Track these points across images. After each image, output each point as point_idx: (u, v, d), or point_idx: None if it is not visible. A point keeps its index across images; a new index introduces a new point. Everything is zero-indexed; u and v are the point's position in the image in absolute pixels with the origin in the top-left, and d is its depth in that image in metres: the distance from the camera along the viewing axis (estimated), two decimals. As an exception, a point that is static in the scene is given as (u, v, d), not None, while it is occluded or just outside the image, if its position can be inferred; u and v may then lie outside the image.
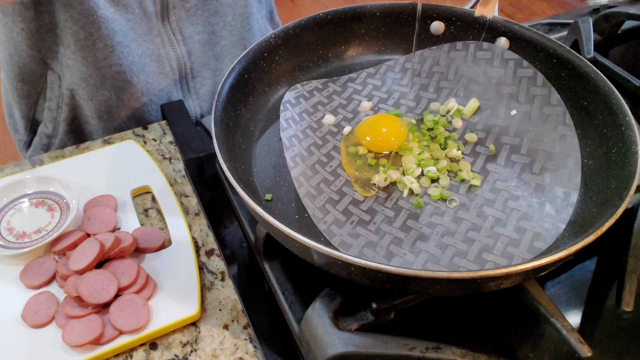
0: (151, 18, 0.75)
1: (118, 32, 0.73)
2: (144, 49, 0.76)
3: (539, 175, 0.54)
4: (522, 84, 0.60)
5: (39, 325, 0.50)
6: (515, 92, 0.60)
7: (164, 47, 0.78)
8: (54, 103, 0.79)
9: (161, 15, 0.76)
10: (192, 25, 0.79)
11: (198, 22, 0.79)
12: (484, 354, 0.42)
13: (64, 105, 0.79)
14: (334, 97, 0.64)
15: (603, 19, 0.81)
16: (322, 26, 0.65)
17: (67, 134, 0.82)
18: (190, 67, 0.82)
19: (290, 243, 0.44)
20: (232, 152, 0.53)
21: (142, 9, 0.73)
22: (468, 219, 0.51)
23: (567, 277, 0.54)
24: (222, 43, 0.83)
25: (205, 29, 0.80)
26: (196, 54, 0.81)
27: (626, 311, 0.49)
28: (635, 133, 0.49)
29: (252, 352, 0.50)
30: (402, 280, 0.40)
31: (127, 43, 0.74)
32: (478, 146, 0.58)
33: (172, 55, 0.79)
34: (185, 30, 0.79)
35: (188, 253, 0.56)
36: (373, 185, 0.55)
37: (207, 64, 0.84)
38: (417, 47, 0.67)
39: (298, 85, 0.64)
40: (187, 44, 0.80)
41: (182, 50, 0.80)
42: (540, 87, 0.59)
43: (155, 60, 0.78)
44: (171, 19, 0.77)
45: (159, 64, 0.79)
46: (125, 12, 0.72)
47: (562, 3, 2.65)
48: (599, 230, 0.41)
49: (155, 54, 0.78)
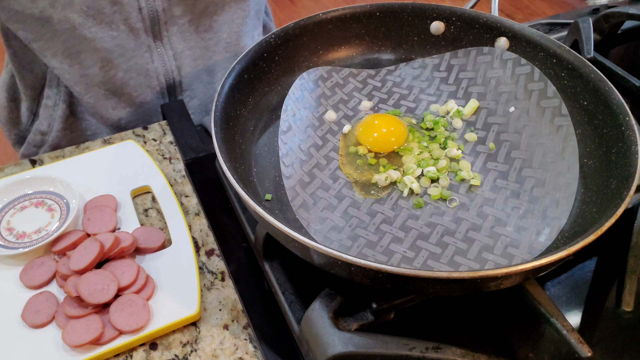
0: (139, 34, 0.74)
1: (100, 49, 0.72)
2: (131, 64, 0.76)
3: (539, 169, 0.54)
4: (520, 81, 0.60)
5: (38, 325, 0.50)
6: (513, 90, 0.61)
7: (153, 62, 0.77)
8: (52, 100, 0.79)
9: (152, 30, 0.75)
10: (184, 41, 0.78)
11: (191, 38, 0.78)
12: (484, 354, 0.42)
13: (61, 103, 0.80)
14: (336, 91, 0.64)
15: (603, 19, 0.81)
16: (321, 26, 0.65)
17: (61, 131, 0.82)
18: (179, 82, 0.81)
19: (290, 243, 0.44)
20: (232, 152, 0.53)
21: (128, 25, 0.72)
22: (468, 219, 0.51)
23: (567, 277, 0.54)
24: (215, 58, 0.83)
25: (198, 44, 0.80)
26: (186, 69, 0.80)
27: (626, 311, 0.49)
28: (635, 133, 0.49)
29: (252, 352, 0.50)
30: (402, 280, 0.40)
31: (112, 58, 0.74)
32: (478, 145, 0.58)
33: (161, 70, 0.79)
34: (177, 46, 0.78)
35: (188, 253, 0.56)
36: (373, 185, 0.55)
37: (198, 78, 0.83)
38: (417, 49, 0.68)
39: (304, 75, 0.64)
40: (178, 59, 0.79)
41: (171, 65, 0.79)
42: (537, 81, 0.59)
43: (143, 74, 0.78)
44: (163, 34, 0.76)
45: (146, 78, 0.78)
46: (109, 30, 0.71)
47: (562, 3, 2.65)
48: (599, 230, 0.41)
49: (143, 69, 0.77)
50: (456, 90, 0.63)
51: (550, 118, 0.57)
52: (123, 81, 0.77)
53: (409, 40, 0.68)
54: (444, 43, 0.67)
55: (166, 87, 0.81)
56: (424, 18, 0.66)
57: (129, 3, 0.70)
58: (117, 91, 0.78)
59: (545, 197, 0.52)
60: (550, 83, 0.58)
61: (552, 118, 0.57)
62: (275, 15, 2.79)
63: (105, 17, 0.70)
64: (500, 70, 0.62)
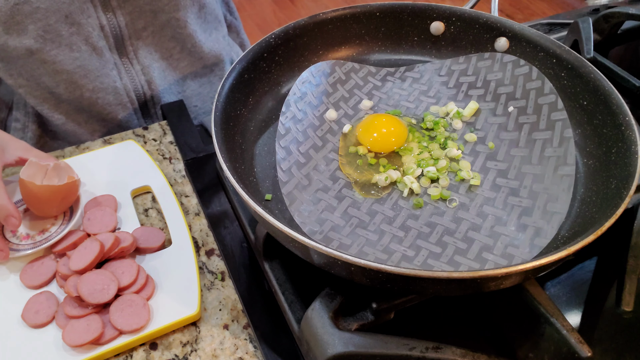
0: (103, 52, 0.73)
1: (62, 71, 0.71)
2: (96, 84, 0.74)
3: (538, 164, 0.54)
4: (519, 81, 0.61)
5: (39, 325, 0.50)
6: (512, 90, 0.61)
7: (121, 79, 0.76)
8: (20, 123, 0.78)
9: (116, 47, 0.74)
10: (150, 54, 0.77)
11: (156, 50, 0.78)
12: (483, 354, 0.42)
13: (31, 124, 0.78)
14: (338, 87, 0.64)
15: (603, 19, 0.81)
16: (322, 26, 0.65)
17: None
18: (150, 96, 0.80)
19: (290, 243, 0.44)
20: (232, 152, 0.53)
21: (90, 45, 0.71)
22: (468, 219, 0.51)
23: (567, 277, 0.54)
24: (181, 65, 0.82)
25: (164, 55, 0.79)
26: (156, 81, 0.80)
27: (626, 311, 0.49)
28: (635, 133, 0.49)
29: (252, 352, 0.51)
30: (402, 280, 0.40)
31: (75, 80, 0.72)
32: (478, 145, 0.58)
33: (130, 87, 0.78)
34: (144, 60, 0.77)
35: (188, 253, 0.56)
36: (373, 185, 0.55)
37: (170, 89, 0.82)
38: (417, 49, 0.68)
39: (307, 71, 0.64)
40: (146, 72, 0.78)
41: (140, 80, 0.78)
42: (535, 80, 0.60)
43: (111, 93, 0.76)
44: (128, 49, 0.75)
45: (115, 96, 0.77)
46: (69, 52, 0.70)
47: (562, 3, 2.65)
48: (599, 230, 0.41)
49: (111, 87, 0.76)
50: (456, 94, 0.63)
51: (547, 114, 0.57)
52: (91, 100, 0.76)
53: (409, 41, 0.68)
54: (444, 43, 0.67)
55: (137, 103, 0.80)
56: (424, 18, 0.66)
57: (87, 22, 0.69)
58: (86, 109, 0.77)
59: (544, 191, 0.52)
60: (547, 80, 0.59)
61: (549, 113, 0.57)
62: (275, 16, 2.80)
63: (64, 40, 0.69)
64: (500, 72, 0.62)
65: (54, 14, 0.66)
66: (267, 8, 2.70)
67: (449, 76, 0.65)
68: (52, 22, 0.66)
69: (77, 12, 0.68)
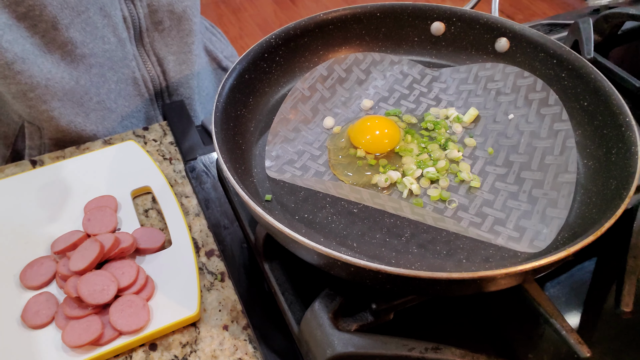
0: (125, 43, 0.75)
1: (95, 64, 0.72)
2: (119, 75, 0.76)
3: (538, 171, 0.54)
4: (521, 91, 0.60)
5: (38, 326, 0.50)
6: (513, 99, 0.60)
7: (139, 69, 0.78)
8: (35, 151, 0.78)
9: (135, 39, 0.76)
10: (166, 46, 0.79)
11: (172, 43, 0.80)
12: (483, 354, 0.42)
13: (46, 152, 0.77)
14: (336, 88, 0.64)
15: (603, 20, 0.80)
16: (322, 27, 0.65)
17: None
18: (165, 86, 0.82)
19: (290, 243, 0.44)
20: (232, 153, 0.53)
21: (117, 36, 0.73)
22: (467, 219, 0.51)
23: (566, 278, 0.54)
24: (199, 62, 0.84)
25: (181, 48, 0.81)
26: (171, 73, 0.82)
27: (625, 312, 0.48)
28: (635, 134, 0.49)
29: (252, 352, 0.51)
30: (402, 280, 0.40)
31: (103, 73, 0.74)
32: (477, 150, 0.58)
33: (147, 77, 0.80)
34: (160, 52, 0.79)
35: (188, 254, 0.56)
36: (374, 186, 0.55)
37: (185, 83, 0.84)
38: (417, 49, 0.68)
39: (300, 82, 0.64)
40: (162, 64, 0.80)
41: (157, 70, 0.80)
42: (539, 91, 0.59)
43: (132, 83, 0.78)
44: (145, 41, 0.77)
45: (135, 87, 0.79)
46: (102, 44, 0.72)
47: (562, 3, 2.65)
48: (599, 231, 0.41)
49: (131, 78, 0.78)
50: (456, 100, 0.63)
51: (550, 124, 0.57)
52: (115, 93, 0.77)
53: (410, 41, 0.68)
54: (445, 43, 0.67)
55: (153, 92, 0.82)
56: (424, 19, 0.66)
57: (115, 14, 0.71)
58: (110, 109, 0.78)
59: (543, 197, 0.52)
60: (552, 92, 0.58)
61: (551, 124, 0.56)
62: (276, 16, 2.80)
63: (99, 32, 0.71)
64: (501, 82, 0.62)
65: (93, 5, 0.68)
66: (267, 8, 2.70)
67: (448, 84, 0.65)
68: (91, 14, 0.69)
69: (108, 3, 0.70)
